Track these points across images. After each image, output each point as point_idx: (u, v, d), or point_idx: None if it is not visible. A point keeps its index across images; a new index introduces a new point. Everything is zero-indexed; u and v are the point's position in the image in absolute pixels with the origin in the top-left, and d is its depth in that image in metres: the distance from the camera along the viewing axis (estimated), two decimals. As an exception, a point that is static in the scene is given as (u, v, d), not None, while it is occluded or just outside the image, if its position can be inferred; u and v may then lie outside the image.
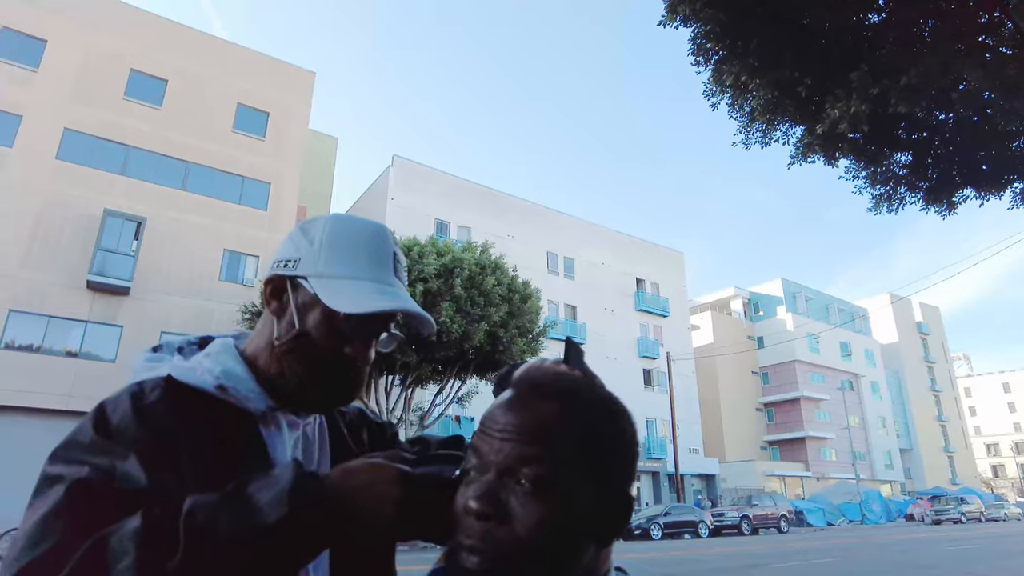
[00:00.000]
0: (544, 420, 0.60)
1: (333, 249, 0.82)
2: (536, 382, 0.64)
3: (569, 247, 34.53)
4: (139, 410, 0.72)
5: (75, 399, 19.03)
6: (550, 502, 0.58)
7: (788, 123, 6.80)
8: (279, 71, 25.88)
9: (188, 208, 22.27)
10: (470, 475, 0.62)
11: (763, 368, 50.47)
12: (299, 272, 0.82)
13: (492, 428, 0.61)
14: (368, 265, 0.82)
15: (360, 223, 0.86)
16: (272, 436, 0.82)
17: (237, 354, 0.84)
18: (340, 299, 0.78)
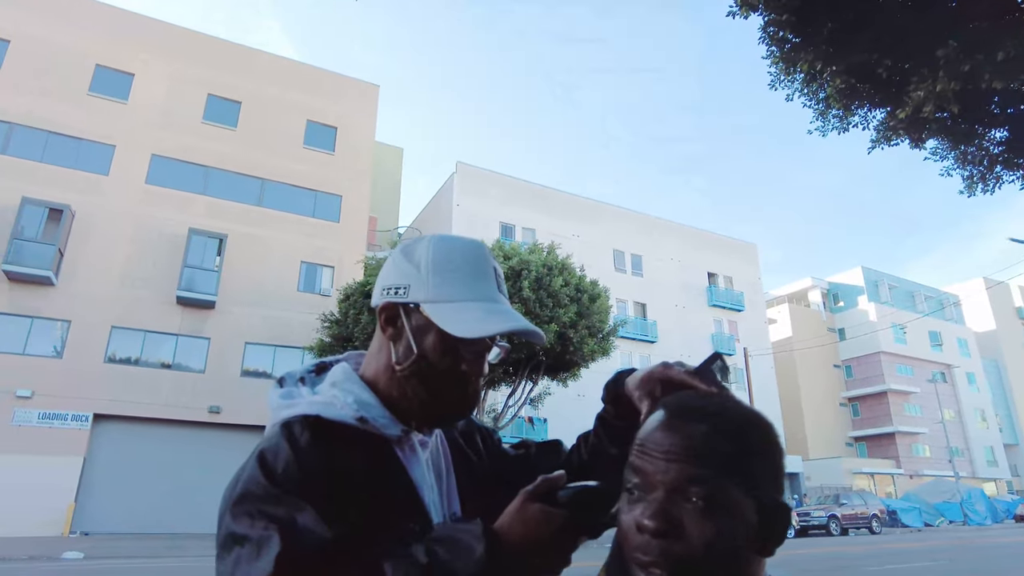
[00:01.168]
0: (705, 440, 0.64)
1: (439, 273, 0.86)
2: (689, 405, 0.69)
3: (636, 244, 34.06)
4: (297, 454, 0.76)
5: (170, 408, 20.24)
6: (721, 518, 0.62)
7: (867, 107, 6.49)
8: (344, 86, 26.73)
9: (265, 223, 23.30)
10: (634, 494, 0.66)
11: (845, 361, 48.25)
12: (411, 299, 0.86)
13: (655, 449, 0.66)
14: (474, 285, 0.86)
15: (459, 244, 0.90)
16: (409, 458, 0.88)
17: (360, 381, 0.89)
18: (456, 324, 0.82)
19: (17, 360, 18.75)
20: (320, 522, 0.70)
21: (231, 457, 19.50)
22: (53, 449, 18.34)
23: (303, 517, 0.70)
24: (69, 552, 13.44)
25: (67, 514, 17.94)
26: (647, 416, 0.73)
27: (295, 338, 22.04)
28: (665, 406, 0.70)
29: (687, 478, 0.63)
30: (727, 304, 36.54)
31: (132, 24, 23.31)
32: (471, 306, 0.84)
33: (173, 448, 20.18)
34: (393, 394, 0.87)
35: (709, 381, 0.83)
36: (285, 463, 0.75)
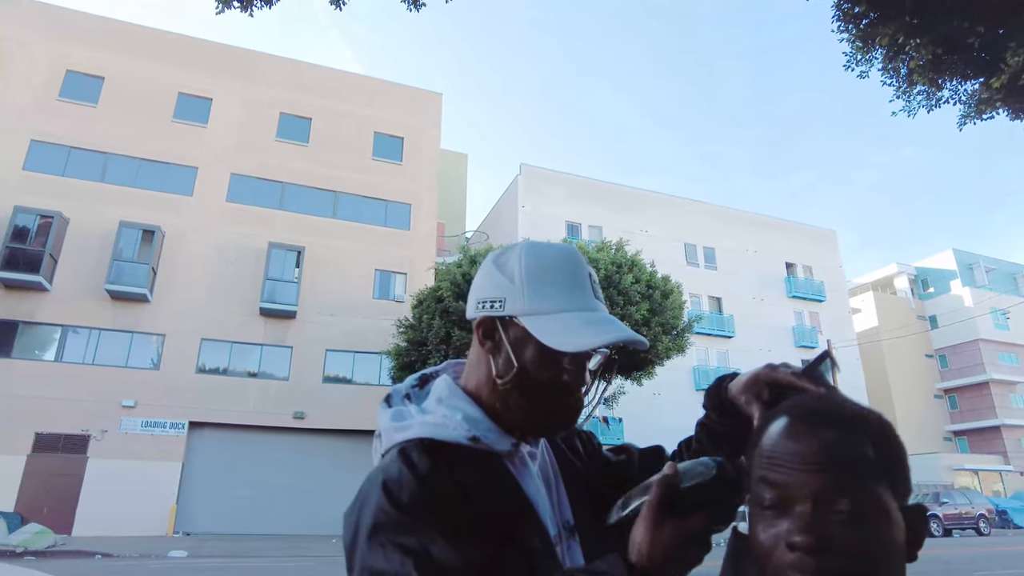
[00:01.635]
0: (848, 446, 0.61)
1: (534, 284, 0.84)
2: (818, 409, 0.65)
3: (708, 236, 33.18)
4: (420, 481, 0.76)
5: (257, 414, 21.21)
6: (874, 526, 0.59)
7: (957, 80, 6.08)
8: (409, 97, 27.31)
9: (340, 234, 24.10)
10: (769, 508, 0.62)
11: (939, 350, 45.38)
12: (508, 312, 0.84)
13: (792, 460, 0.61)
14: (570, 295, 0.84)
15: (551, 251, 0.88)
16: (521, 472, 0.87)
17: (464, 395, 0.88)
18: (557, 337, 0.80)
19: (121, 372, 20.11)
20: (452, 551, 0.71)
21: (315, 460, 20.41)
22: (155, 455, 19.58)
23: (436, 547, 0.71)
24: (174, 551, 14.30)
25: (170, 515, 19.10)
26: (764, 423, 0.68)
27: (372, 344, 22.68)
28: (790, 412, 0.66)
29: (835, 488, 0.59)
30: (807, 295, 35.09)
31: (208, 52, 24.61)
32: (570, 317, 0.82)
33: (261, 453, 21.16)
34: (497, 407, 0.86)
35: (818, 381, 0.80)
36: (410, 491, 0.75)
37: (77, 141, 21.80)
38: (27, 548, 13.47)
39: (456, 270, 17.88)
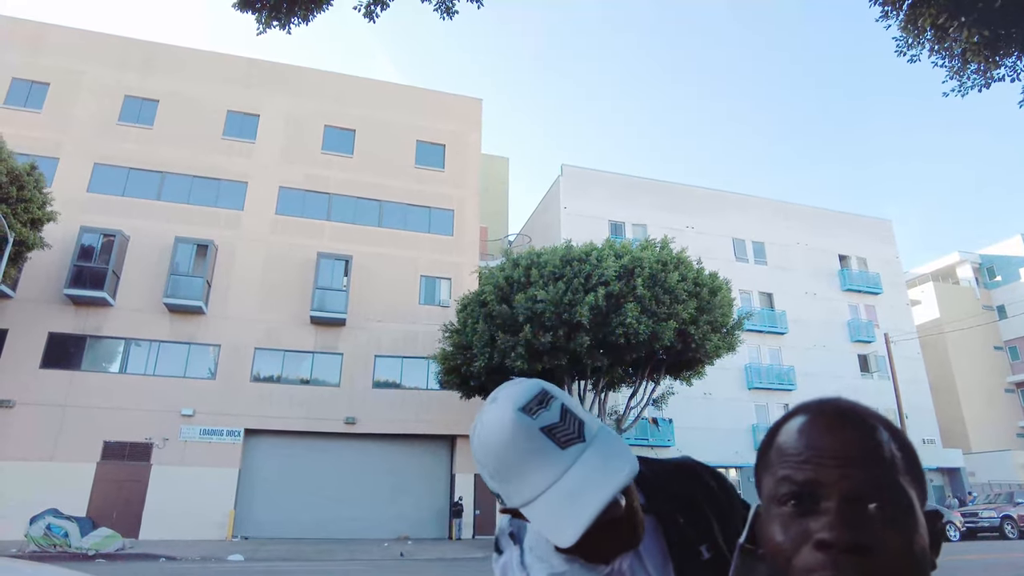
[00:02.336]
0: (882, 442, 0.59)
1: (506, 480, 0.82)
2: (838, 408, 0.62)
3: (757, 230, 32.41)
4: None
5: (310, 420, 21.71)
6: (908, 526, 0.55)
7: (1016, 55, 5.77)
8: (448, 103, 27.58)
9: (385, 242, 24.50)
10: (789, 509, 0.58)
11: (1009, 342, 43.15)
12: (512, 506, 0.83)
13: (818, 456, 0.58)
14: (540, 473, 0.79)
15: (495, 434, 0.82)
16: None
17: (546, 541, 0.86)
18: (551, 531, 0.77)
19: (180, 382, 20.89)
20: None
21: (367, 464, 20.72)
22: (213, 461, 20.25)
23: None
24: (233, 555, 14.74)
25: (229, 520, 19.70)
26: (780, 422, 0.65)
27: (420, 348, 22.96)
28: (811, 410, 0.63)
29: (873, 483, 0.56)
30: (862, 287, 33.90)
31: (254, 70, 25.39)
32: (549, 498, 0.78)
33: (314, 458, 21.66)
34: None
35: None
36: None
37: (135, 162, 22.79)
38: (98, 551, 14.11)
39: (499, 274, 17.94)
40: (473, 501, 22.37)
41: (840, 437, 0.58)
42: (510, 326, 16.97)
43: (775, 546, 0.58)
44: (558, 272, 17.08)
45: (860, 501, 0.55)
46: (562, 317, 16.28)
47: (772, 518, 0.60)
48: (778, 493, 0.59)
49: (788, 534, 0.57)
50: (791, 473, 0.58)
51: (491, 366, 17.30)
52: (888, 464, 0.57)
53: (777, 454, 0.62)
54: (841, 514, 0.54)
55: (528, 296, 16.68)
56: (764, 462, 0.64)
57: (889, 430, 0.61)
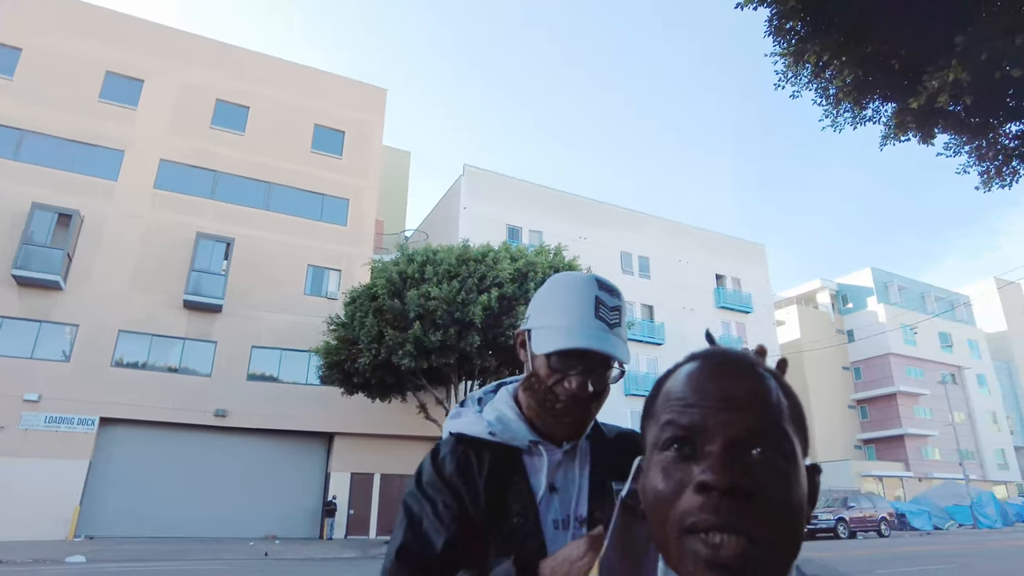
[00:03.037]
0: (770, 389, 0.57)
1: (546, 304, 1.04)
2: (728, 356, 0.60)
3: (644, 245, 33.95)
4: (436, 466, 1.03)
5: (176, 411, 20.27)
6: (792, 475, 0.54)
7: (879, 100, 6.40)
8: (352, 90, 26.81)
9: (273, 227, 23.36)
10: (672, 454, 0.55)
11: (854, 363, 47.90)
12: (528, 326, 1.06)
13: (707, 398, 0.55)
14: (568, 311, 1.00)
15: (571, 277, 1.06)
16: (533, 463, 1.04)
17: (512, 399, 1.08)
18: (541, 344, 1.01)
19: (25, 364, 18.82)
20: (438, 530, 0.95)
21: (236, 460, 19.67)
22: (60, 452, 18.40)
23: (427, 521, 0.97)
24: (73, 556, 13.44)
25: (72, 517, 17.97)
26: (669, 370, 0.63)
27: (302, 341, 22.05)
28: (702, 358, 0.60)
29: (758, 428, 0.54)
30: (735, 306, 36.38)
31: (141, 31, 23.46)
32: (560, 330, 0.99)
33: (178, 451, 20.23)
34: (525, 409, 1.06)
35: None
36: (427, 473, 1.03)
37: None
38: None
39: (393, 268, 17.61)
40: (348, 500, 21.78)
41: (727, 381, 0.56)
42: (400, 322, 16.70)
43: (656, 493, 0.55)
44: (453, 271, 17.02)
45: (744, 445, 0.53)
46: (454, 316, 16.23)
47: (654, 465, 0.57)
48: (661, 438, 0.56)
49: (670, 479, 0.54)
50: (675, 417, 0.56)
51: (377, 362, 16.94)
52: (774, 410, 0.55)
53: (663, 401, 0.59)
54: (724, 457, 0.52)
55: (421, 293, 16.49)
56: (650, 411, 0.62)
57: (776, 379, 0.59)
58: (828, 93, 6.80)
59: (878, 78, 5.88)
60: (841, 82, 6.04)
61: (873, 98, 6.43)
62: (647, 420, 0.62)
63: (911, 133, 6.96)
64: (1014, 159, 6.77)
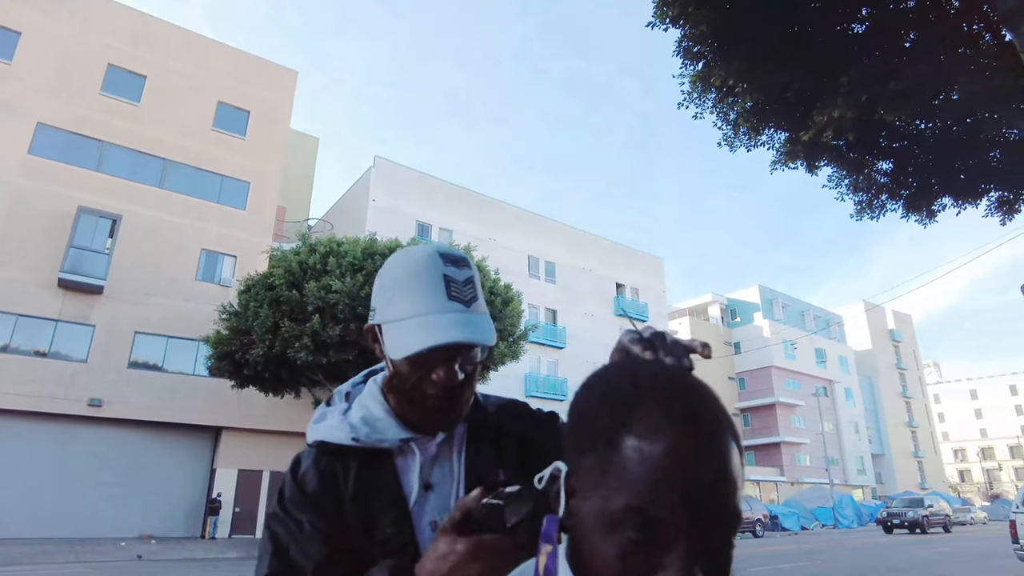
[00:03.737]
0: (736, 475, 0.52)
1: (390, 293, 0.92)
2: (719, 413, 0.53)
3: (551, 251, 34.59)
4: (297, 483, 0.94)
5: (44, 400, 18.60)
6: (731, 561, 0.51)
7: (773, 128, 6.87)
8: (261, 69, 25.63)
9: (165, 206, 21.92)
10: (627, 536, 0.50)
11: (740, 374, 50.96)
12: (376, 321, 0.94)
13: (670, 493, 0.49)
14: (417, 300, 0.89)
15: (409, 258, 0.93)
16: (405, 463, 0.95)
17: (380, 394, 0.98)
18: (395, 346, 0.89)
19: None
20: (307, 554, 0.87)
21: (111, 453, 18.29)
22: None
23: (293, 547, 0.88)
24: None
25: (-88, 514, 16.11)
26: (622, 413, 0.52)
27: (190, 329, 20.82)
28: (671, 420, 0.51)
29: (730, 516, 0.50)
30: (633, 314, 37.74)
31: (22, -20, 21.37)
32: (412, 322, 0.88)
33: (45, 444, 18.57)
34: (394, 405, 0.96)
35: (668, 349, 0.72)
36: (289, 491, 0.93)
37: None
38: None
39: (293, 258, 16.97)
40: (233, 498, 20.78)
41: (703, 466, 0.50)
42: (298, 314, 16.12)
43: (605, 570, 0.51)
44: (358, 264, 16.62)
45: (711, 536, 0.50)
46: (356, 311, 15.85)
47: (608, 541, 0.51)
48: (622, 521, 0.50)
49: (627, 567, 0.50)
50: (644, 506, 0.49)
51: (271, 355, 16.27)
52: (740, 496, 0.52)
53: (623, 465, 0.50)
54: (691, 557, 0.49)
55: (322, 285, 15.99)
56: (597, 454, 0.53)
57: (734, 435, 0.53)
58: (728, 118, 7.21)
59: (774, 108, 6.31)
60: (741, 108, 6.43)
61: (768, 126, 6.89)
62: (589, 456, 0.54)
63: (800, 162, 7.51)
64: (884, 194, 7.46)
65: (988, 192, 7.67)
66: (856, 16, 6.28)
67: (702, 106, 7.20)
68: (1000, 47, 5.85)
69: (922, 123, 6.98)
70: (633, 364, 0.60)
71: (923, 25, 6.21)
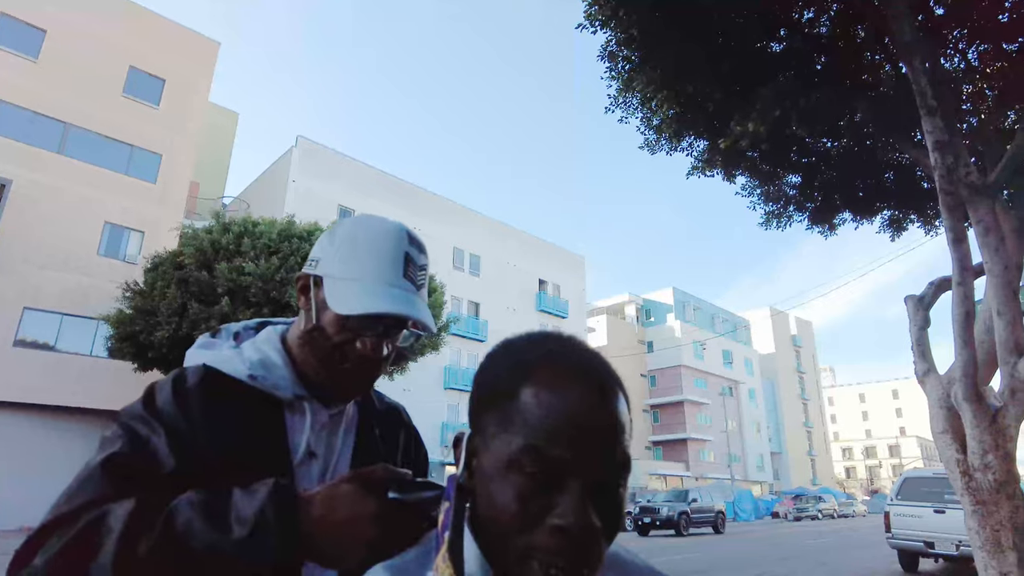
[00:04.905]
0: (623, 418, 0.56)
1: (348, 251, 0.89)
2: (596, 371, 0.58)
3: (476, 244, 34.59)
4: (177, 394, 0.83)
5: (-86, 378, 16.99)
6: (626, 498, 0.55)
7: (692, 136, 7.15)
8: (180, 37, 24.25)
9: (64, 174, 20.41)
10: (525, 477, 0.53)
11: (651, 371, 52.76)
12: (318, 272, 0.90)
13: (567, 429, 0.53)
14: (377, 267, 0.88)
15: (378, 224, 0.92)
16: (294, 421, 0.90)
17: (280, 343, 0.94)
18: (341, 301, 0.86)
19: None
20: (170, 455, 0.77)
21: (-8, 438, 16.61)
22: None
23: (157, 440, 0.78)
24: None
25: None
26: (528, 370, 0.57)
27: (89, 307, 19.52)
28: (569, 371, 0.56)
29: (616, 468, 0.54)
30: (553, 310, 38.35)
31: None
32: (364, 286, 0.86)
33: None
34: (298, 360, 0.92)
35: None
36: (164, 398, 0.83)
37: None
38: None
39: (205, 236, 16.21)
40: (130, 486, 19.69)
41: (595, 412, 0.54)
42: (207, 296, 15.43)
43: (506, 512, 0.53)
44: (274, 246, 16.06)
45: (603, 484, 0.53)
46: (270, 295, 15.32)
47: (507, 482, 0.54)
48: (521, 460, 0.53)
49: (524, 506, 0.52)
50: (540, 446, 0.53)
51: (177, 337, 15.48)
52: (627, 440, 0.55)
53: (522, 412, 0.55)
54: (584, 498, 0.52)
55: (234, 267, 15.36)
56: (499, 406, 0.57)
57: (624, 394, 0.59)
58: (652, 123, 7.44)
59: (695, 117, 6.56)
60: (664, 115, 6.66)
61: (689, 134, 7.17)
62: (492, 412, 0.58)
63: (717, 170, 7.84)
64: (791, 205, 7.91)
65: (882, 210, 8.27)
66: (775, 36, 6.61)
67: (627, 111, 7.39)
68: (897, 77, 6.31)
69: (828, 141, 7.44)
70: (534, 333, 0.64)
71: (832, 51, 6.62)
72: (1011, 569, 4.66)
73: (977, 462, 4.82)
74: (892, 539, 11.05)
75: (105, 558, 0.64)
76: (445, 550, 0.56)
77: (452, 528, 0.57)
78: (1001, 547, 4.69)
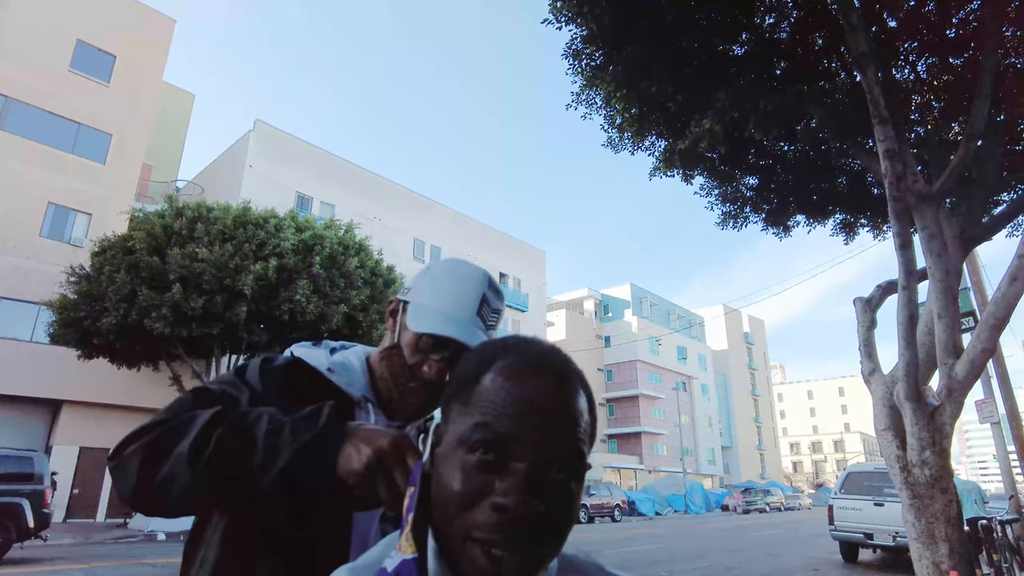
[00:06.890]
0: (577, 407, 0.58)
1: (433, 283, 1.02)
2: (552, 360, 0.60)
3: (437, 235, 34.36)
4: (264, 371, 0.99)
5: None
6: (579, 493, 0.56)
7: (654, 136, 7.25)
8: (132, 12, 23.35)
9: (6, 150, 19.49)
10: (474, 455, 0.55)
11: (608, 366, 53.38)
12: (407, 298, 1.03)
13: (520, 411, 0.55)
14: (454, 300, 0.99)
15: (465, 267, 1.04)
16: (360, 418, 0.99)
17: (363, 356, 1.07)
18: (417, 321, 0.98)
19: None
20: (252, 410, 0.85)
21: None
22: None
23: (242, 398, 0.93)
24: None
25: None
26: (486, 358, 0.61)
27: (30, 291, 18.75)
28: (524, 357, 0.60)
29: (563, 453, 0.55)
30: (513, 304, 38.42)
31: None
32: (439, 314, 0.97)
33: None
34: (375, 373, 1.04)
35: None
36: (252, 371, 0.99)
37: None
38: None
39: (157, 220, 15.72)
40: (72, 478, 19.03)
41: (544, 394, 0.56)
42: (158, 282, 14.97)
43: (451, 492, 0.54)
44: (229, 233, 15.67)
45: (548, 467, 0.54)
46: (223, 283, 14.95)
47: (454, 461, 0.56)
48: (471, 438, 0.55)
49: (468, 484, 0.54)
50: (491, 421, 0.55)
51: (126, 324, 15.00)
52: (580, 432, 0.56)
53: (480, 394, 0.57)
54: (527, 480, 0.53)
55: (187, 252, 14.94)
56: (463, 392, 0.60)
57: (586, 392, 0.60)
58: (614, 122, 7.50)
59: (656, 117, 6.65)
60: (627, 114, 6.73)
61: (651, 133, 7.26)
62: (456, 399, 0.60)
63: (676, 170, 7.96)
64: (748, 206, 8.09)
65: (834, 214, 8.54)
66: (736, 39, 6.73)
67: (591, 108, 7.44)
68: (852, 85, 6.51)
69: (785, 145, 7.63)
70: (507, 336, 0.67)
71: (791, 56, 6.78)
72: (943, 559, 4.89)
73: (915, 458, 5.04)
74: (835, 531, 11.46)
75: (184, 446, 0.77)
76: (408, 530, 0.57)
77: (416, 510, 0.59)
78: (935, 538, 4.92)
